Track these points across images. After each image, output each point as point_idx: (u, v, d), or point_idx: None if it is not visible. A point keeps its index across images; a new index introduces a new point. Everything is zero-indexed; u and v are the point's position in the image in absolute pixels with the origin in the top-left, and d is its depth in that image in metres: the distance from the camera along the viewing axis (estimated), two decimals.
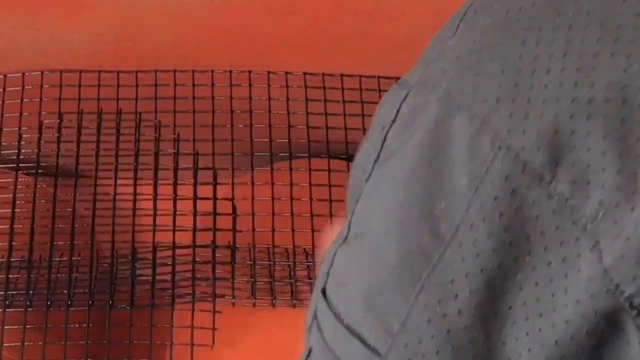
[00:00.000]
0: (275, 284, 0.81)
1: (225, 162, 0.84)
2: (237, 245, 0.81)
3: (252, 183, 0.84)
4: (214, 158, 0.84)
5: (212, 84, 0.87)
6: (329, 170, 0.84)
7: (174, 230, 0.78)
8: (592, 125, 0.31)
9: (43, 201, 0.81)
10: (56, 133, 0.83)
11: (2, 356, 0.75)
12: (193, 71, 0.87)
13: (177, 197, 0.79)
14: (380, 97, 0.87)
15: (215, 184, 0.81)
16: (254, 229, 0.81)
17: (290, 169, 0.84)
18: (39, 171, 0.82)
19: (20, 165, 0.82)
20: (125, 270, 0.81)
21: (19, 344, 0.75)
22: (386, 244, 0.35)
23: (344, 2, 0.79)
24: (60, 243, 0.79)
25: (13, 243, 0.78)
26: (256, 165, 0.85)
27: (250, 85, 0.87)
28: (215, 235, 0.80)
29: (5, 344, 0.76)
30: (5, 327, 0.76)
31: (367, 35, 0.82)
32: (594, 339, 0.31)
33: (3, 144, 0.85)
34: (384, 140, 0.35)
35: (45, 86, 0.86)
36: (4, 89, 0.87)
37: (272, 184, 0.83)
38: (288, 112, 0.86)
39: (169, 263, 0.79)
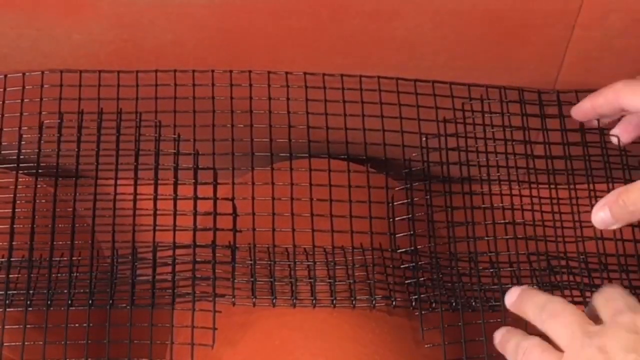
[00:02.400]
0: (275, 283, 0.81)
1: (225, 162, 0.84)
2: (237, 245, 0.81)
3: (252, 183, 0.84)
4: (214, 158, 0.84)
5: (212, 84, 0.87)
6: (329, 171, 0.84)
7: (174, 230, 0.78)
8: None
9: (43, 201, 0.81)
10: (56, 133, 0.83)
11: (2, 356, 0.75)
12: (193, 71, 0.87)
13: (177, 197, 0.79)
14: (380, 97, 0.87)
15: (215, 184, 0.81)
16: (254, 229, 0.81)
17: (291, 169, 0.84)
18: (39, 171, 0.82)
19: (20, 165, 0.82)
20: (125, 270, 0.81)
21: (19, 343, 0.75)
22: None
23: (344, 2, 0.79)
24: (60, 243, 0.79)
25: (13, 243, 0.78)
26: (256, 165, 0.85)
27: (250, 85, 0.87)
28: (215, 235, 0.80)
29: (5, 344, 0.76)
30: (5, 326, 0.76)
31: (367, 35, 0.82)
32: None
33: (3, 144, 0.85)
34: None
35: (45, 86, 0.87)
36: (4, 89, 0.87)
37: (272, 184, 0.83)
38: (288, 112, 0.86)
39: (169, 263, 0.79)
